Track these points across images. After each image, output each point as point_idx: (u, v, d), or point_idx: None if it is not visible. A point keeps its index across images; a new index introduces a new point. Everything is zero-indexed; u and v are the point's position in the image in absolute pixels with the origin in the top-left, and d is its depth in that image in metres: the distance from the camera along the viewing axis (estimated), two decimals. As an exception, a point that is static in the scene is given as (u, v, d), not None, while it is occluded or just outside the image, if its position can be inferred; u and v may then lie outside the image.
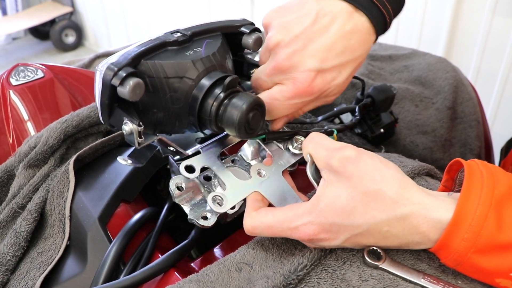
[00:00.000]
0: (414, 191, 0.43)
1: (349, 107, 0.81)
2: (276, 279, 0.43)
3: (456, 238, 0.41)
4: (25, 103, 0.81)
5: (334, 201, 0.43)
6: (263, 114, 0.51)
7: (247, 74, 0.57)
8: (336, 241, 0.45)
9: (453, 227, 0.41)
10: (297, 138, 0.57)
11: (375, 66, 1.06)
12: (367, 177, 0.43)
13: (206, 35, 0.52)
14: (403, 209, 0.42)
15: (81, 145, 0.74)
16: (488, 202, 0.41)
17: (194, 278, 0.45)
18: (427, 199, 0.43)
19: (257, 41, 0.53)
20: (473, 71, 1.77)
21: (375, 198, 0.43)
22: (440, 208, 0.42)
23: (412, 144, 0.92)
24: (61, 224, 0.61)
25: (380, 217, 0.43)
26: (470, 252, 0.41)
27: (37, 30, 4.14)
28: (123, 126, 0.45)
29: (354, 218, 0.43)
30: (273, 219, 0.46)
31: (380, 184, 0.43)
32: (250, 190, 0.51)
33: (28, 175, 0.69)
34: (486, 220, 0.40)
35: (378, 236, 0.44)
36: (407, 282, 0.44)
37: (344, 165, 0.44)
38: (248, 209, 0.49)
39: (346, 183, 0.43)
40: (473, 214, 0.40)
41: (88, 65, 1.11)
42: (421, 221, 0.42)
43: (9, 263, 0.59)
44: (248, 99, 0.48)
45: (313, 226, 0.44)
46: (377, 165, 0.44)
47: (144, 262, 0.53)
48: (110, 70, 0.43)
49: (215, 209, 0.48)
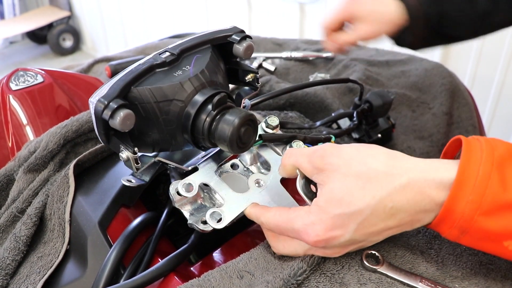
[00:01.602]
0: (406, 160, 0.43)
1: (347, 112, 0.82)
2: (276, 283, 0.44)
3: (460, 201, 0.40)
4: (24, 108, 0.82)
5: (330, 195, 0.43)
6: (255, 129, 0.51)
7: (243, 80, 0.57)
8: (346, 235, 0.43)
9: (456, 190, 0.40)
10: (295, 143, 0.57)
11: (373, 72, 1.06)
12: (354, 161, 0.43)
13: (196, 49, 0.52)
14: (400, 179, 0.42)
15: (80, 150, 0.74)
16: (490, 162, 0.40)
17: (195, 283, 0.45)
18: (423, 163, 0.43)
19: (248, 49, 0.54)
20: (469, 76, 1.78)
21: (369, 177, 0.42)
22: (439, 169, 0.42)
23: (410, 149, 0.93)
24: (60, 229, 0.61)
25: (380, 194, 0.42)
26: (476, 214, 0.40)
27: (35, 34, 4.14)
28: (120, 153, 0.47)
29: (355, 205, 0.42)
30: (280, 218, 0.47)
31: (369, 163, 0.43)
32: (249, 202, 0.52)
33: (28, 180, 0.69)
34: (490, 179, 0.39)
35: (385, 216, 0.43)
36: (405, 286, 0.45)
37: (327, 160, 0.44)
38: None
39: (336, 175, 0.43)
40: (476, 174, 0.40)
41: (87, 70, 1.12)
42: (422, 185, 0.41)
43: (8, 267, 0.59)
44: (239, 114, 0.48)
45: (318, 226, 0.43)
46: (359, 149, 0.44)
47: (144, 267, 0.54)
48: (100, 103, 0.45)
49: (214, 226, 0.49)
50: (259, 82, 0.56)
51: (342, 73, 1.06)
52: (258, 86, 0.56)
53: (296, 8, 2.24)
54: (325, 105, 0.94)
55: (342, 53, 0.87)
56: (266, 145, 0.58)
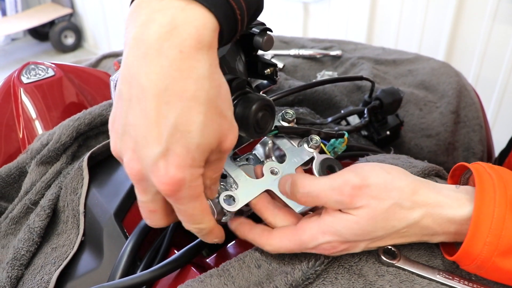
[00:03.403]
0: (426, 193, 0.44)
1: (357, 109, 0.83)
2: (295, 274, 0.44)
3: (478, 243, 0.41)
4: (35, 101, 0.82)
5: (353, 225, 0.43)
6: (273, 114, 0.52)
7: (262, 73, 0.57)
8: (356, 249, 0.45)
9: (473, 233, 0.41)
10: (312, 137, 0.58)
11: (380, 70, 1.07)
12: (383, 196, 0.43)
13: None
14: (419, 211, 0.43)
15: (92, 143, 0.75)
16: (504, 203, 0.41)
17: (215, 273, 0.45)
18: (441, 197, 0.44)
19: (268, 41, 0.54)
20: (473, 77, 1.79)
21: (394, 212, 0.43)
22: (453, 206, 0.44)
23: (417, 147, 0.93)
24: (75, 220, 0.61)
25: (400, 225, 0.44)
26: (494, 255, 0.41)
27: (37, 31, 4.14)
28: None
29: (375, 233, 0.44)
30: (290, 243, 0.45)
31: (396, 198, 0.43)
32: (263, 188, 0.52)
33: (41, 172, 0.69)
34: (505, 221, 0.41)
35: (397, 237, 0.45)
36: (423, 278, 0.45)
37: (357, 199, 0.43)
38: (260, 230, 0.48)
39: (365, 210, 0.43)
40: (491, 216, 0.41)
41: (95, 64, 1.12)
42: (436, 218, 0.43)
43: (23, 258, 0.59)
44: (257, 99, 0.49)
45: (332, 244, 0.44)
46: (387, 179, 0.44)
47: (160, 258, 0.54)
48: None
49: (227, 208, 0.49)
50: (277, 75, 0.56)
51: (349, 71, 1.06)
52: (276, 80, 0.56)
53: (300, 8, 2.25)
54: (333, 102, 0.95)
55: None
56: (282, 137, 0.58)
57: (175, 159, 0.37)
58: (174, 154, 0.37)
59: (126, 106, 0.38)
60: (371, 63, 1.09)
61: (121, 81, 0.38)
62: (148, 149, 0.37)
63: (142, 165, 0.38)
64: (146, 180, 0.39)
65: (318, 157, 0.55)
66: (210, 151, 0.39)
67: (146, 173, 0.38)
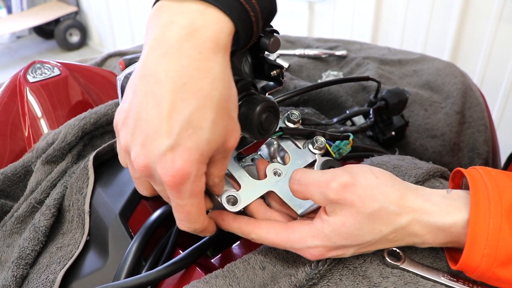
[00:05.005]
0: (414, 199, 0.44)
1: (362, 110, 0.82)
2: (299, 275, 0.44)
3: (476, 255, 0.41)
4: (41, 100, 0.82)
5: (340, 228, 0.44)
6: (277, 116, 0.52)
7: (268, 75, 0.58)
8: (345, 255, 0.46)
9: (471, 246, 0.42)
10: (318, 139, 0.58)
11: (385, 70, 1.07)
12: (368, 198, 0.43)
13: None
14: (406, 217, 0.44)
15: (97, 142, 0.75)
16: (499, 213, 0.41)
17: (220, 274, 0.46)
18: (428, 204, 0.44)
19: (275, 43, 0.54)
20: (478, 77, 1.78)
21: (380, 215, 0.43)
22: (441, 213, 0.44)
23: (422, 147, 0.93)
24: (80, 220, 0.61)
25: (387, 230, 0.44)
26: (493, 266, 0.41)
27: (42, 29, 4.15)
28: None
29: (363, 237, 0.44)
30: (276, 237, 0.46)
31: (382, 201, 0.43)
32: (265, 190, 0.52)
33: (46, 171, 0.69)
34: (501, 231, 0.41)
35: (385, 242, 0.45)
36: (427, 280, 0.45)
37: (342, 195, 0.43)
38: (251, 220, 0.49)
39: (349, 210, 0.43)
40: (487, 228, 0.41)
41: (100, 64, 1.13)
42: (424, 225, 0.44)
43: (28, 257, 0.60)
44: (261, 101, 0.49)
45: (320, 249, 0.45)
46: (373, 183, 0.44)
47: (166, 258, 0.54)
48: (127, 79, 0.45)
49: (229, 209, 0.49)
50: (284, 77, 0.56)
51: (354, 71, 1.06)
52: (283, 82, 0.56)
53: (305, 7, 2.25)
54: (338, 103, 0.95)
55: None
56: (287, 138, 0.58)
57: (184, 153, 0.38)
58: (183, 148, 0.38)
59: (139, 101, 0.39)
60: (376, 63, 1.09)
61: (137, 78, 0.40)
62: (158, 141, 0.38)
63: (149, 159, 0.39)
64: (151, 176, 0.40)
65: (320, 159, 0.55)
66: (216, 148, 0.40)
67: (153, 167, 0.39)
